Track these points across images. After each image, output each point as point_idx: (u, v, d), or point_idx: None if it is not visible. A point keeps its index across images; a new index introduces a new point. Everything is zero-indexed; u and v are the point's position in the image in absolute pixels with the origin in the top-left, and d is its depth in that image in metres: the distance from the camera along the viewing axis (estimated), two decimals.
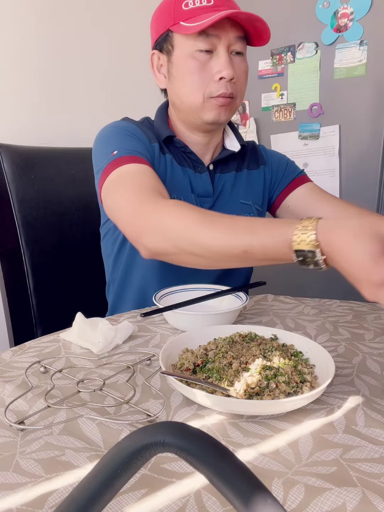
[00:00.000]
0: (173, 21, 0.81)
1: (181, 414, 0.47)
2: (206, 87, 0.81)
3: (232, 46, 0.81)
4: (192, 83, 0.82)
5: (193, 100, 0.83)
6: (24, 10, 1.38)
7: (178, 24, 0.80)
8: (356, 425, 0.45)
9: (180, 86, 0.84)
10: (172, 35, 0.82)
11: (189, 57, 0.81)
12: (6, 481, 0.37)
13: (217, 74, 0.80)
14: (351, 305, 0.86)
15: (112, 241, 0.95)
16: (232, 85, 0.81)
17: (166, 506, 0.35)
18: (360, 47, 1.46)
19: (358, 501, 0.34)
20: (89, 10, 1.54)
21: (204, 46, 0.79)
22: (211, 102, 0.82)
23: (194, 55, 0.80)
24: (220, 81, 0.80)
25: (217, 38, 0.79)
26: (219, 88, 0.81)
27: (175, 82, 0.85)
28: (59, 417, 0.47)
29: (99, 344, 0.63)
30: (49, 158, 1.12)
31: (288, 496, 0.35)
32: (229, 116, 0.86)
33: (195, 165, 0.90)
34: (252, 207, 0.95)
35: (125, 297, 0.97)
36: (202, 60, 0.80)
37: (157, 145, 0.87)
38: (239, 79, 0.83)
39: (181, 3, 0.79)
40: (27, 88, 1.42)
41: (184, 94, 0.84)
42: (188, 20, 0.79)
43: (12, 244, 1.04)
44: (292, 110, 1.65)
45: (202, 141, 0.91)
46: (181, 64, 0.82)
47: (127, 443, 0.21)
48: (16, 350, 0.65)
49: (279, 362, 0.53)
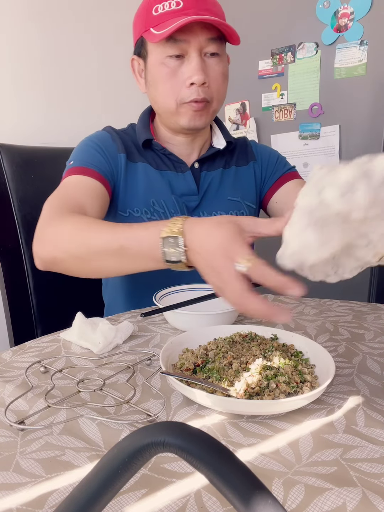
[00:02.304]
0: (145, 27, 0.80)
1: (181, 414, 0.47)
2: (178, 93, 0.80)
3: (204, 49, 0.79)
4: (164, 90, 0.81)
5: (167, 106, 0.83)
6: (24, 12, 1.38)
7: (148, 30, 0.79)
8: (356, 425, 0.45)
9: (155, 93, 0.84)
10: (145, 41, 0.81)
11: (160, 64, 0.80)
12: (6, 481, 0.37)
13: (188, 80, 0.79)
14: (351, 305, 0.86)
15: None
16: (204, 90, 0.80)
17: (166, 506, 0.35)
18: (360, 47, 1.46)
19: (358, 501, 0.34)
20: (88, 12, 1.54)
21: (173, 52, 0.78)
22: (184, 108, 0.81)
23: (164, 61, 0.79)
24: (191, 86, 0.79)
25: (186, 43, 0.77)
26: (191, 93, 0.79)
27: (151, 88, 0.85)
28: (59, 417, 0.47)
29: (99, 344, 0.63)
30: (49, 158, 1.12)
31: (288, 496, 0.35)
32: (206, 120, 0.84)
33: (176, 165, 0.90)
34: (242, 204, 0.95)
35: (119, 298, 0.98)
36: (172, 66, 0.79)
37: (123, 156, 0.87)
38: (214, 81, 0.81)
39: (152, 8, 0.78)
40: (27, 88, 1.42)
41: (159, 101, 0.84)
42: (157, 27, 0.77)
43: (12, 244, 1.04)
44: (292, 110, 1.65)
45: (185, 142, 0.91)
46: (154, 70, 0.82)
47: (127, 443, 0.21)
48: (16, 350, 0.65)
49: (279, 362, 0.53)
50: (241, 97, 1.77)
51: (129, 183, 0.87)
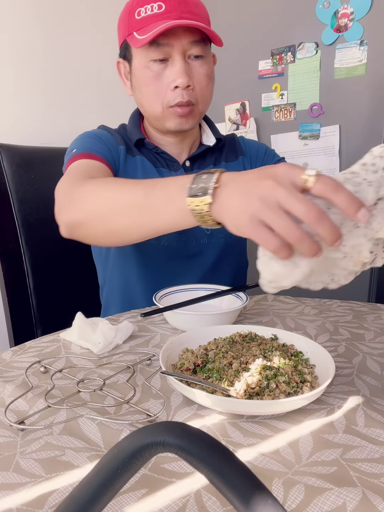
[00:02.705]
0: (128, 31, 0.79)
1: (181, 414, 0.47)
2: (164, 96, 0.80)
3: (188, 51, 0.78)
4: (149, 94, 0.81)
5: (153, 110, 0.83)
6: (24, 12, 1.38)
7: (131, 34, 0.79)
8: (356, 425, 0.45)
9: (140, 96, 0.84)
10: (129, 45, 0.81)
11: (144, 68, 0.80)
12: (6, 481, 0.37)
13: (172, 83, 0.79)
14: (351, 305, 0.86)
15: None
16: (189, 92, 0.80)
17: (166, 506, 0.35)
18: (360, 47, 1.46)
19: (358, 501, 0.34)
20: (88, 12, 1.54)
21: (156, 56, 0.78)
22: (170, 111, 0.82)
23: (148, 65, 0.79)
24: (175, 89, 0.79)
25: (170, 46, 0.77)
26: (175, 97, 0.79)
27: (136, 91, 0.85)
28: (59, 417, 0.47)
29: (99, 344, 0.63)
30: (49, 158, 1.12)
31: (288, 496, 0.35)
32: (192, 123, 0.85)
33: (169, 164, 0.90)
34: None
35: (114, 299, 0.98)
36: (156, 70, 0.79)
37: (123, 148, 0.87)
38: (199, 84, 0.81)
39: (134, 12, 0.77)
40: (27, 88, 1.42)
41: (144, 104, 0.84)
42: (140, 31, 0.77)
43: (12, 244, 1.04)
44: (292, 110, 1.65)
45: (174, 142, 0.91)
46: (138, 74, 0.82)
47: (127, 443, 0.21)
48: (16, 350, 0.65)
49: (279, 362, 0.53)
50: (241, 97, 1.77)
51: (128, 175, 0.87)
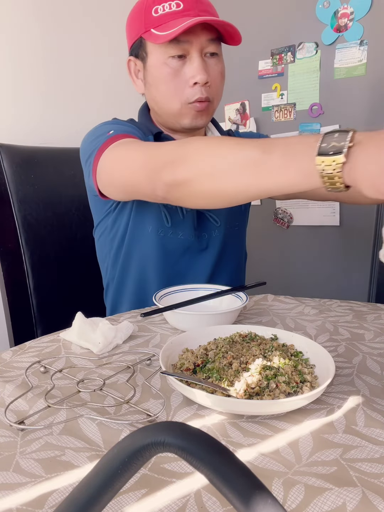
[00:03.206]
0: (144, 28, 0.80)
1: (181, 414, 0.47)
2: (182, 93, 0.81)
3: (205, 49, 0.80)
4: (167, 90, 0.82)
5: (170, 107, 0.83)
6: (23, 12, 1.38)
7: (149, 31, 0.79)
8: (356, 425, 0.45)
9: (156, 94, 0.84)
10: (145, 42, 0.82)
11: (162, 64, 0.80)
12: (6, 481, 0.37)
13: (191, 80, 0.80)
14: (351, 305, 0.86)
15: (109, 239, 0.95)
16: (207, 89, 0.81)
17: (166, 506, 0.35)
18: (360, 47, 1.45)
19: (358, 501, 0.34)
20: (88, 12, 1.54)
21: (176, 52, 0.79)
22: (188, 108, 0.82)
23: (167, 62, 0.80)
24: (194, 86, 0.80)
25: (189, 43, 0.78)
26: (195, 93, 0.80)
27: (151, 89, 0.85)
28: (59, 417, 0.47)
29: (99, 344, 0.63)
30: (49, 158, 1.12)
31: (288, 496, 0.35)
32: (207, 119, 0.86)
33: None
34: None
35: (124, 295, 0.97)
36: (175, 67, 0.80)
37: (152, 138, 0.87)
38: (215, 81, 0.83)
39: (151, 9, 0.78)
40: (27, 88, 1.42)
41: (161, 101, 0.84)
42: (158, 28, 0.78)
43: (12, 244, 1.04)
44: (292, 110, 1.65)
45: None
46: (155, 71, 0.82)
47: (127, 443, 0.21)
48: (16, 350, 0.65)
49: (279, 362, 0.53)
50: (241, 97, 1.77)
51: None
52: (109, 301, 1.02)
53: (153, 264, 0.92)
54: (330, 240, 1.62)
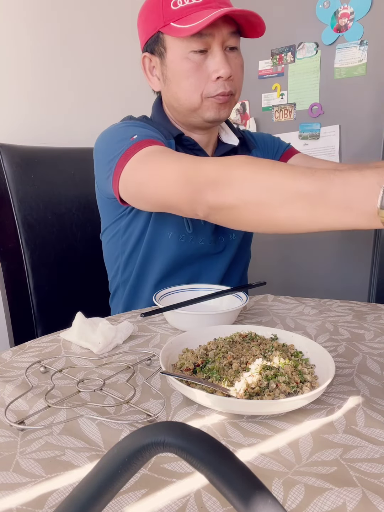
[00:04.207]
0: (163, 22, 0.78)
1: (181, 414, 0.47)
2: (204, 87, 0.80)
3: (226, 42, 0.79)
4: (189, 85, 0.80)
5: (191, 102, 0.82)
6: (21, 12, 1.38)
7: (168, 25, 0.77)
8: (356, 425, 0.45)
9: (176, 89, 0.83)
10: (163, 36, 0.80)
11: (184, 59, 0.79)
12: (6, 481, 0.37)
13: (214, 74, 0.79)
14: (351, 305, 0.86)
15: (122, 242, 0.94)
16: (230, 83, 0.80)
17: (166, 506, 0.35)
18: (360, 47, 1.45)
19: (358, 501, 0.34)
20: (86, 11, 1.53)
21: (198, 47, 0.77)
22: (210, 101, 0.81)
23: (189, 56, 0.78)
24: (217, 80, 0.79)
25: (211, 37, 0.77)
26: (218, 87, 0.80)
27: (171, 85, 0.83)
28: (59, 417, 0.47)
29: (99, 344, 0.63)
30: (49, 158, 1.12)
31: (288, 496, 0.35)
32: (228, 112, 0.85)
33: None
34: None
35: (140, 298, 0.96)
36: (197, 61, 0.79)
37: (173, 142, 0.85)
38: (236, 74, 0.82)
39: (170, 2, 0.76)
40: (27, 88, 1.42)
41: (182, 97, 0.83)
42: (179, 21, 0.76)
43: (12, 244, 1.04)
44: (292, 110, 1.65)
45: (202, 139, 0.91)
46: (176, 66, 0.80)
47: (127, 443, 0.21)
48: (16, 350, 0.65)
49: (279, 362, 0.53)
50: (241, 97, 1.76)
51: None
52: (119, 303, 1.01)
53: (172, 268, 0.91)
54: (330, 240, 1.62)
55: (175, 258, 0.91)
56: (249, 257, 1.08)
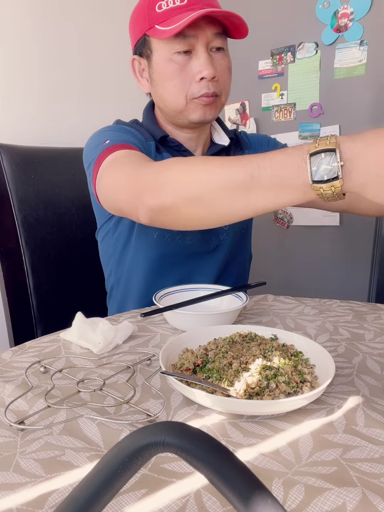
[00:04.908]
0: (149, 25, 0.79)
1: (181, 414, 0.47)
2: (188, 89, 0.80)
3: (211, 43, 0.79)
4: (173, 87, 0.81)
5: (176, 104, 0.82)
6: (23, 12, 1.38)
7: (153, 28, 0.78)
8: (356, 425, 0.45)
9: (162, 91, 0.83)
10: (149, 39, 0.81)
11: (168, 61, 0.79)
12: (6, 481, 0.37)
13: (197, 75, 0.79)
14: (351, 305, 0.86)
15: (113, 241, 0.95)
16: (214, 84, 0.80)
17: (166, 506, 0.35)
18: (360, 47, 1.46)
19: (358, 501, 0.34)
20: (87, 12, 1.54)
21: (181, 48, 0.78)
22: (194, 103, 0.81)
23: (173, 57, 0.79)
24: (201, 81, 0.79)
25: (195, 38, 0.77)
26: (201, 88, 0.79)
27: (158, 87, 0.84)
28: (59, 417, 0.47)
29: (99, 344, 0.63)
30: (49, 158, 1.12)
31: (288, 496, 0.35)
32: (215, 114, 0.85)
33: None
34: None
35: (130, 297, 0.97)
36: (180, 62, 0.79)
37: (153, 144, 0.86)
38: (222, 75, 0.82)
39: (155, 5, 0.77)
40: (27, 88, 1.42)
41: (167, 98, 0.83)
42: (163, 23, 0.77)
43: (12, 244, 1.04)
44: (292, 110, 1.65)
45: (191, 138, 0.91)
46: (161, 68, 0.81)
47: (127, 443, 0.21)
48: (16, 350, 0.65)
49: (279, 362, 0.53)
50: (241, 97, 1.77)
51: None
52: (114, 303, 1.02)
53: (160, 267, 0.91)
54: (330, 240, 1.62)
55: (163, 257, 0.91)
56: (249, 257, 1.08)
